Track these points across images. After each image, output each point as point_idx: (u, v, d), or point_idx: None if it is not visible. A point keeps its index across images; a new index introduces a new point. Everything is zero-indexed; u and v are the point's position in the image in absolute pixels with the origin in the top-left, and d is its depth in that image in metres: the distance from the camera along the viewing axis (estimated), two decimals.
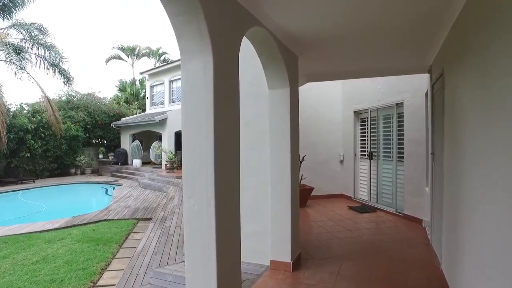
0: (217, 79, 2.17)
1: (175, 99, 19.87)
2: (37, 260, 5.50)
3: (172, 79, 19.74)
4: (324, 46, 4.11)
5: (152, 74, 21.35)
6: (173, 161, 15.38)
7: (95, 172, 19.45)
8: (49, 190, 14.88)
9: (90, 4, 64.41)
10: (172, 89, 20.05)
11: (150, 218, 8.03)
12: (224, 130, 2.28)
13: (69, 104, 19.85)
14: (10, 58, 16.92)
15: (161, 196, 11.17)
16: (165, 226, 6.58)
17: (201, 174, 2.16)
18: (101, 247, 6.07)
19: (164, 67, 20.60)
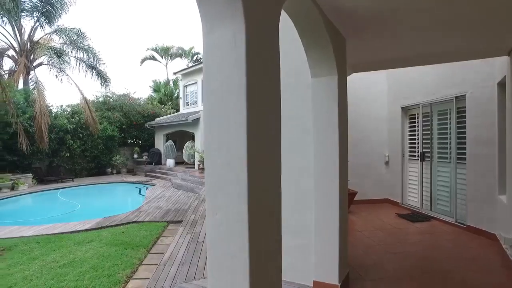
0: (251, 52, 1.58)
1: None
2: (64, 263, 5.30)
3: None
4: (380, 23, 3.39)
5: (185, 74, 21.33)
6: None
7: (130, 172, 19.71)
8: (85, 189, 15.15)
9: (126, 6, 66.45)
10: None
11: (180, 221, 7.66)
12: (260, 123, 1.69)
13: (105, 105, 20.30)
14: (52, 62, 17.53)
15: (193, 197, 10.85)
16: (195, 232, 6.13)
17: (229, 182, 1.59)
18: (129, 252, 5.76)
19: (196, 66, 20.47)
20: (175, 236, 6.08)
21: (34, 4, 17.62)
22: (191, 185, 12.63)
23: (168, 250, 5.33)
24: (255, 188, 1.57)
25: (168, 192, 12.40)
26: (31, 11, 17.76)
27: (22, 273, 4.98)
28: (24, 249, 6.08)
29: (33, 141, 14.20)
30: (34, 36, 18.07)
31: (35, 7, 17.73)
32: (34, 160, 15.49)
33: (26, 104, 14.62)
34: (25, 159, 14.76)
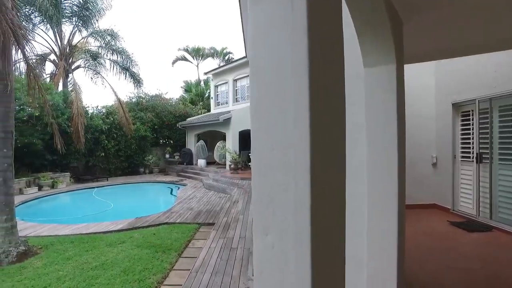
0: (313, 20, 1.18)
1: (239, 98, 19.53)
2: (96, 265, 5.21)
3: (236, 78, 19.40)
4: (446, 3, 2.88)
5: (216, 74, 21.29)
6: (237, 161, 14.86)
7: (162, 172, 19.92)
8: (118, 188, 15.39)
9: (158, 8, 67.99)
10: (236, 88, 19.74)
11: (212, 223, 7.41)
12: (325, 115, 1.28)
13: (138, 106, 20.66)
14: (88, 64, 18.07)
15: (225, 198, 10.61)
16: (228, 237, 5.81)
17: (286, 193, 1.20)
18: (160, 255, 5.57)
19: (227, 66, 20.38)
20: (207, 241, 5.80)
21: (73, 10, 18.25)
22: (222, 186, 12.41)
23: (200, 255, 5.04)
24: (318, 200, 1.18)
25: (200, 192, 12.26)
26: (70, 17, 18.42)
27: (57, 274, 4.95)
28: (59, 248, 6.08)
29: (71, 141, 14.63)
30: (73, 40, 18.71)
31: (74, 13, 18.36)
32: (72, 160, 16.00)
33: (65, 106, 15.08)
34: (64, 159, 15.25)
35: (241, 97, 19.47)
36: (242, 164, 15.34)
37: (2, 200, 5.82)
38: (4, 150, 5.88)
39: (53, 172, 14.60)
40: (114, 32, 19.09)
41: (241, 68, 18.77)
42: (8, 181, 5.91)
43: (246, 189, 10.92)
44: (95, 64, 18.74)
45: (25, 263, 5.43)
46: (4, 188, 5.86)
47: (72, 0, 18.15)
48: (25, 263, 5.43)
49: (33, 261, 5.50)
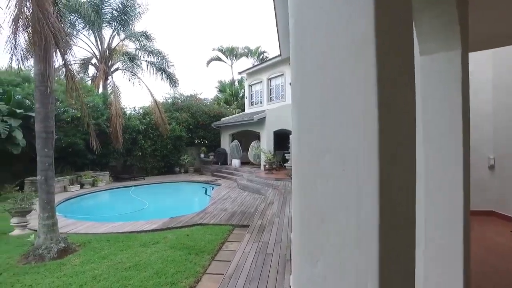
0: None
1: (273, 98, 19.27)
2: (130, 265, 5.18)
3: (271, 77, 19.15)
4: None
5: (250, 73, 21.16)
6: (271, 161, 14.59)
7: (197, 171, 20.10)
8: (154, 188, 15.68)
9: (193, 9, 69.22)
10: (270, 87, 19.49)
11: (246, 225, 7.20)
12: (394, 110, 0.96)
13: (174, 106, 21.00)
14: (125, 66, 18.64)
15: (259, 199, 10.38)
16: (263, 241, 5.54)
17: (346, 211, 0.90)
18: (193, 258, 5.44)
19: (262, 65, 20.17)
20: (241, 244, 5.57)
21: (113, 14, 18.92)
22: (257, 187, 12.20)
23: (234, 259, 4.82)
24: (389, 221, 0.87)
25: (234, 193, 12.13)
26: (110, 21, 19.12)
27: (92, 272, 4.97)
28: (96, 246, 6.14)
29: (110, 141, 15.13)
30: (112, 43, 19.41)
31: (114, 18, 19.03)
32: (111, 159, 16.56)
33: (104, 107, 15.62)
34: (103, 158, 15.83)
35: (275, 97, 19.19)
36: (276, 164, 15.06)
37: (44, 198, 5.96)
38: (45, 150, 6.01)
39: (94, 171, 15.19)
40: (148, 34, 19.56)
41: (275, 67, 18.49)
42: (49, 180, 6.04)
43: (281, 190, 10.62)
44: (132, 65, 19.33)
45: (64, 260, 5.52)
46: (46, 187, 6.00)
47: (112, 6, 18.85)
48: (64, 260, 5.52)
49: (72, 258, 5.58)
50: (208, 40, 69.16)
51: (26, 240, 6.38)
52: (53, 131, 6.21)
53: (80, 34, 18.50)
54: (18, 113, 11.84)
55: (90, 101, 14.81)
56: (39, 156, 5.97)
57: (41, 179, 5.96)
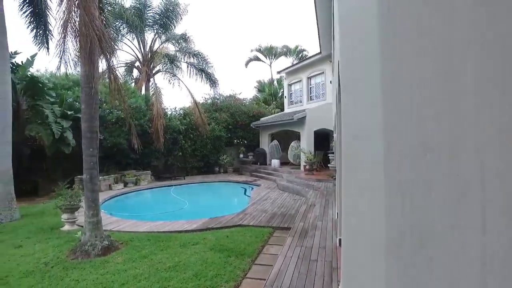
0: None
1: (313, 97, 18.80)
2: (169, 266, 5.14)
3: (310, 76, 18.69)
4: None
5: (290, 72, 20.82)
6: (312, 162, 14.16)
7: (236, 171, 20.12)
8: (194, 187, 15.89)
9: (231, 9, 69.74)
10: (310, 86, 19.03)
11: (287, 228, 6.94)
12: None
13: (213, 106, 21.18)
14: (166, 68, 19.12)
15: (300, 201, 10.06)
16: (306, 246, 5.24)
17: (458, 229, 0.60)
18: (233, 260, 5.28)
19: (301, 63, 19.75)
20: (283, 248, 5.31)
21: (155, 18, 19.52)
22: (297, 187, 11.87)
23: (276, 265, 4.57)
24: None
25: (274, 193, 11.89)
26: (152, 25, 19.75)
27: (134, 271, 4.98)
28: (137, 245, 6.19)
29: (151, 141, 15.54)
30: (154, 46, 20.00)
31: (155, 21, 19.62)
32: (152, 159, 17.03)
33: (146, 108, 16.08)
34: (145, 158, 16.31)
35: (315, 95, 18.71)
36: (317, 165, 14.60)
37: (89, 196, 6.10)
38: (90, 149, 6.15)
39: (137, 170, 15.69)
40: (187, 37, 19.91)
41: (315, 65, 18.00)
42: (94, 179, 6.17)
43: (323, 191, 10.22)
44: (172, 67, 19.80)
45: (108, 257, 5.59)
46: (91, 185, 6.13)
47: (155, 10, 19.44)
48: (107, 257, 5.60)
49: (115, 256, 5.64)
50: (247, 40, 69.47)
51: (74, 236, 6.60)
52: (97, 131, 6.34)
53: (125, 39, 19.32)
54: (69, 114, 12.48)
55: (133, 103, 15.31)
56: (85, 155, 6.12)
57: (86, 178, 6.10)
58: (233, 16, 69.51)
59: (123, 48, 19.68)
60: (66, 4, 5.95)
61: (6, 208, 8.63)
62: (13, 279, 4.84)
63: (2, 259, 5.69)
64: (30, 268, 5.19)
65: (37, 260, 5.58)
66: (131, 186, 14.30)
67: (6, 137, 8.82)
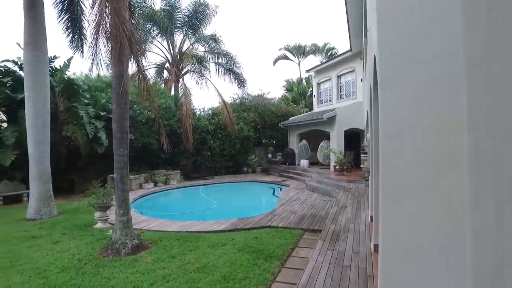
0: None
1: (343, 95, 18.33)
2: (198, 267, 5.09)
3: (340, 74, 18.22)
4: None
5: (319, 71, 20.43)
6: (342, 162, 13.76)
7: (264, 171, 20.01)
8: (222, 187, 15.93)
9: (259, 7, 69.34)
10: (340, 84, 18.56)
11: (318, 230, 6.71)
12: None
13: (241, 106, 21.16)
14: (194, 68, 19.33)
15: (330, 202, 9.76)
16: (338, 250, 4.99)
17: None
18: (262, 263, 5.14)
19: (330, 61, 19.30)
20: (314, 251, 5.10)
21: (184, 20, 19.79)
22: (327, 188, 11.56)
23: (306, 269, 4.38)
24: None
25: (303, 194, 11.64)
26: (181, 27, 20.03)
27: (162, 271, 4.97)
28: (166, 245, 6.20)
29: (181, 141, 15.74)
30: (183, 47, 20.29)
31: (185, 23, 19.89)
32: (182, 158, 17.27)
33: (175, 108, 16.31)
34: (175, 157, 16.56)
35: (345, 94, 18.21)
36: (348, 165, 14.17)
37: (120, 195, 6.18)
38: (120, 149, 6.22)
39: (166, 170, 15.95)
40: (217, 37, 20.01)
41: (345, 63, 17.51)
42: (124, 178, 6.24)
43: (354, 193, 9.86)
44: (201, 67, 19.98)
45: (137, 256, 5.63)
46: (121, 185, 6.21)
47: (184, 12, 19.71)
48: (137, 256, 5.63)
49: (144, 256, 5.67)
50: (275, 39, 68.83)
51: (105, 234, 6.73)
52: (127, 131, 6.40)
53: (155, 41, 19.72)
54: (102, 115, 12.88)
55: (163, 103, 15.57)
56: (115, 155, 6.20)
57: (117, 177, 6.18)
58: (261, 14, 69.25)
59: (154, 50, 20.13)
60: (97, 7, 6.05)
61: (45, 205, 9.01)
62: (51, 273, 5.00)
63: (42, 253, 5.94)
64: (66, 264, 5.35)
65: (72, 256, 5.73)
66: (160, 186, 14.54)
67: (45, 138, 9.20)
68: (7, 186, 11.68)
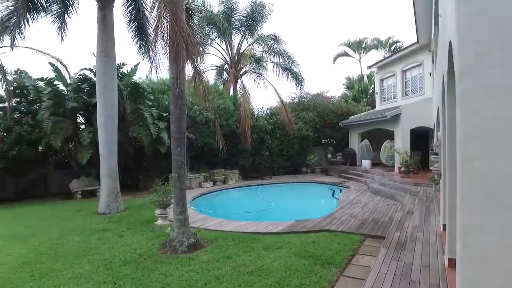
0: None
1: (409, 92, 17.02)
2: (252, 270, 4.96)
3: (405, 69, 16.94)
4: None
5: (381, 66, 19.24)
6: (408, 164, 12.69)
7: (323, 172, 19.45)
8: (280, 187, 15.74)
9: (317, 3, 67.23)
10: (405, 80, 17.26)
11: (381, 236, 6.19)
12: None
13: (300, 105, 20.75)
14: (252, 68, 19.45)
15: (394, 206, 9.02)
16: (404, 261, 4.46)
17: None
18: (319, 269, 4.85)
19: (395, 56, 18.06)
20: (376, 260, 4.64)
21: (241, 21, 20.03)
22: (391, 191, 10.74)
23: (367, 281, 3.97)
24: None
25: (364, 197, 10.96)
26: (239, 28, 20.31)
27: (217, 272, 4.93)
28: (221, 245, 6.19)
29: (239, 141, 15.89)
30: (240, 48, 20.54)
31: (242, 24, 20.13)
32: (240, 158, 17.44)
33: (234, 109, 16.52)
34: (233, 157, 16.79)
35: (411, 90, 16.88)
36: (414, 167, 13.05)
37: (177, 194, 6.31)
38: (178, 149, 6.34)
39: (225, 169, 16.24)
40: (277, 36, 19.90)
41: (411, 57, 16.22)
42: (181, 177, 6.36)
43: (422, 197, 8.99)
44: (258, 67, 20.03)
45: (193, 255, 5.68)
46: (179, 184, 6.33)
47: (241, 13, 19.94)
48: (193, 255, 5.69)
49: (200, 255, 5.70)
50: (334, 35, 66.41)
51: (164, 231, 6.94)
52: (185, 131, 6.51)
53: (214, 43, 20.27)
54: (164, 116, 13.50)
55: (221, 104, 15.87)
56: (173, 154, 6.35)
57: (174, 177, 6.32)
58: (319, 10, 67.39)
59: (213, 52, 20.68)
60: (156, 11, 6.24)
61: (113, 200, 9.69)
62: (115, 265, 5.29)
63: (108, 246, 6.36)
64: (128, 258, 5.61)
65: (134, 250, 6.00)
66: (219, 185, 14.83)
67: (113, 138, 9.90)
68: (84, 182, 12.93)
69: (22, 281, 4.83)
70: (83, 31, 26.52)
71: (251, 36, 20.37)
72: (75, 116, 13.38)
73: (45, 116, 11.96)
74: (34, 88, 12.62)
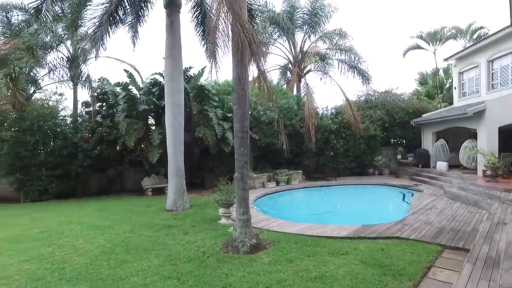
0: None
1: (497, 84, 15.03)
2: (315, 276, 4.74)
3: (492, 58, 14.99)
4: None
5: (461, 58, 17.33)
6: (496, 166, 11.18)
7: (392, 174, 18.28)
8: (345, 189, 15.11)
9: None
10: (492, 71, 15.26)
11: (463, 249, 5.50)
12: None
13: (367, 104, 19.70)
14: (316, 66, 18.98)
15: (479, 215, 8.00)
16: (500, 283, 3.68)
17: None
18: (389, 280, 4.47)
19: (479, 44, 16.04)
20: (460, 278, 4.02)
21: (304, 19, 19.71)
22: (473, 197, 9.56)
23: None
24: None
25: (440, 202, 9.93)
26: (302, 26, 20.01)
27: (278, 275, 4.81)
28: (284, 247, 6.06)
29: (303, 141, 15.61)
30: (304, 46, 20.19)
31: (305, 21, 19.80)
32: (304, 158, 17.15)
33: (298, 108, 16.27)
34: (297, 157, 16.60)
35: (500, 83, 14.88)
36: (503, 170, 11.48)
37: (240, 194, 6.31)
38: (241, 149, 6.35)
39: (288, 169, 16.09)
40: (343, 31, 19.21)
41: (501, 43, 14.25)
42: (244, 178, 6.35)
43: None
44: (323, 65, 19.48)
45: (255, 256, 5.62)
46: (241, 184, 6.33)
47: (304, 11, 19.60)
48: (255, 256, 5.62)
49: (261, 256, 5.62)
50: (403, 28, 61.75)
51: (227, 230, 7.02)
52: (248, 131, 6.49)
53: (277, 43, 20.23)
54: (229, 117, 13.82)
55: (285, 103, 15.74)
56: (236, 154, 6.36)
57: (237, 176, 6.33)
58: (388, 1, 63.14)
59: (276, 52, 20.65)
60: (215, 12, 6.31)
61: (180, 198, 10.15)
62: (179, 262, 5.45)
63: (174, 242, 6.61)
64: (192, 255, 5.74)
65: (197, 248, 6.14)
66: (282, 185, 14.72)
67: (180, 138, 10.39)
68: (154, 180, 13.84)
69: (101, 269, 5.25)
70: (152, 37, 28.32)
71: (314, 34, 19.92)
72: (147, 118, 14.43)
73: (120, 118, 13.12)
74: (112, 93, 13.92)
